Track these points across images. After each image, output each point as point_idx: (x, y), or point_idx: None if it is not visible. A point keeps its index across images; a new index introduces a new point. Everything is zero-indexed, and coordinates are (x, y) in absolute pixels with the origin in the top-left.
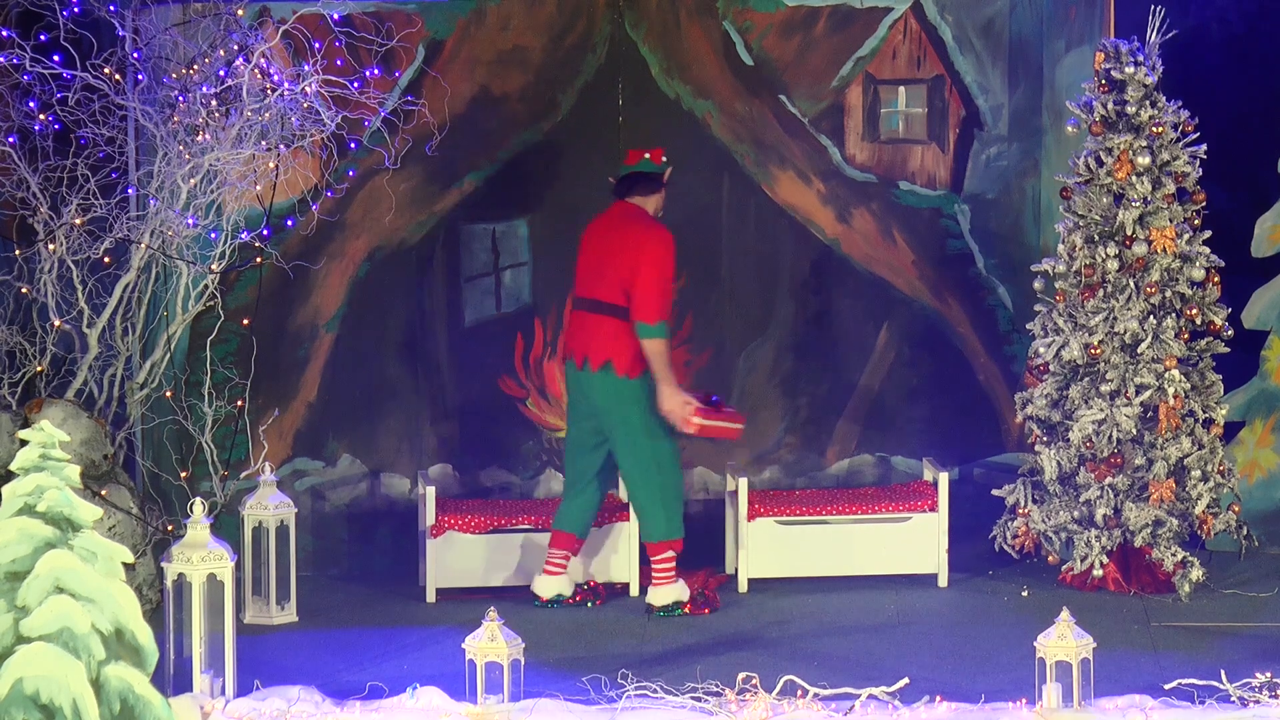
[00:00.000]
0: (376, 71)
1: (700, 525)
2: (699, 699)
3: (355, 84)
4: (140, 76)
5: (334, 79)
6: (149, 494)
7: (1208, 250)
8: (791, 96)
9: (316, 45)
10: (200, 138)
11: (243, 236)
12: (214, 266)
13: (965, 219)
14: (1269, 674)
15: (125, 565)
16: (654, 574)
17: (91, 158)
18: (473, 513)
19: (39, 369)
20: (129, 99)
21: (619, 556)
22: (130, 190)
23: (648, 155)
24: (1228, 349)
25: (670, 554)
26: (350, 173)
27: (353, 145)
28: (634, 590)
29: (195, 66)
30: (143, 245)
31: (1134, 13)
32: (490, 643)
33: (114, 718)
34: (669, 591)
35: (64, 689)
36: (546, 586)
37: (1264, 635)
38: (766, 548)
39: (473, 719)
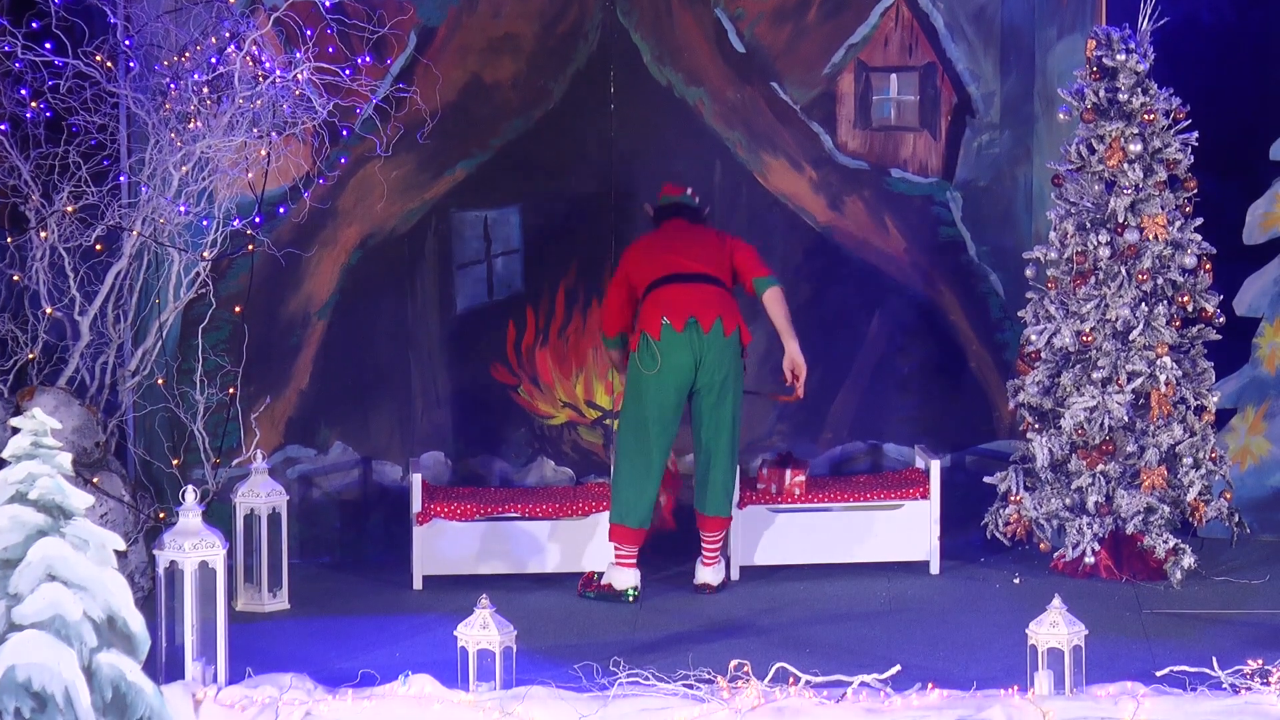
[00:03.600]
0: (368, 59)
1: (690, 511)
2: (691, 686)
3: (347, 71)
4: (132, 64)
5: (326, 66)
6: (141, 481)
7: (1199, 237)
8: (783, 84)
9: (308, 32)
10: (192, 125)
11: (234, 224)
12: (206, 254)
13: (957, 206)
14: (1261, 661)
15: (117, 553)
16: (709, 552)
17: (83, 145)
18: (461, 500)
19: (31, 357)
20: (121, 86)
21: (606, 546)
22: (122, 178)
23: (689, 190)
24: (1219, 336)
25: (724, 532)
26: (342, 160)
27: (344, 133)
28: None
29: (187, 54)
30: (135, 233)
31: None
32: (482, 630)
33: (106, 705)
34: (720, 570)
35: (56, 676)
36: (628, 578)
37: (1256, 622)
38: (758, 534)
39: (465, 706)
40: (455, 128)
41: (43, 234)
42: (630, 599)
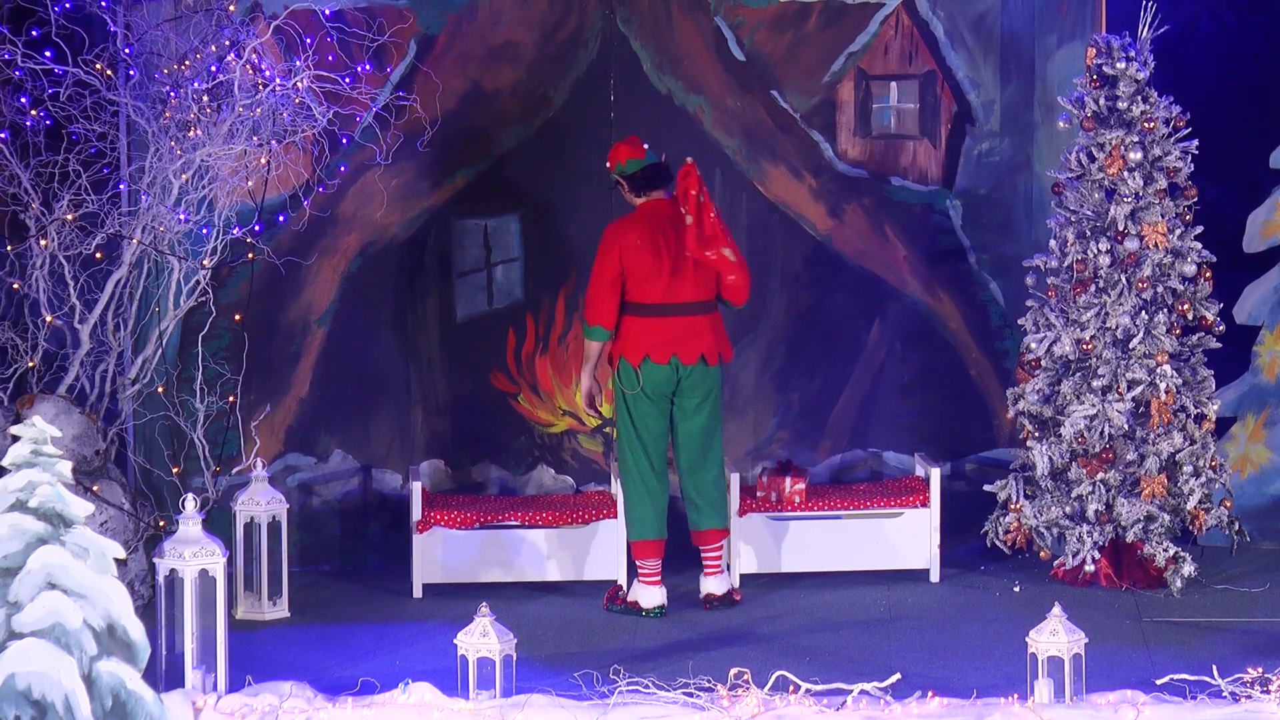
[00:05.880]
0: (368, 67)
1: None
2: (691, 694)
3: (347, 79)
4: (132, 72)
5: (325, 74)
6: (141, 489)
7: (1199, 245)
8: (783, 92)
9: (308, 41)
10: (192, 133)
11: (234, 232)
12: (206, 262)
13: (957, 214)
14: (1261, 669)
15: (117, 561)
16: (709, 563)
17: (83, 153)
18: (461, 508)
19: (31, 365)
20: (121, 94)
21: (606, 554)
22: (122, 186)
23: (648, 148)
24: (1219, 344)
25: (724, 543)
26: (342, 168)
27: (344, 141)
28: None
29: (187, 62)
30: (134, 241)
31: (1125, 7)
32: (482, 638)
33: (106, 713)
34: (725, 580)
35: (56, 685)
36: (653, 597)
37: (1256, 630)
38: (758, 543)
39: (465, 715)
40: (455, 136)
41: (43, 242)
42: (656, 618)
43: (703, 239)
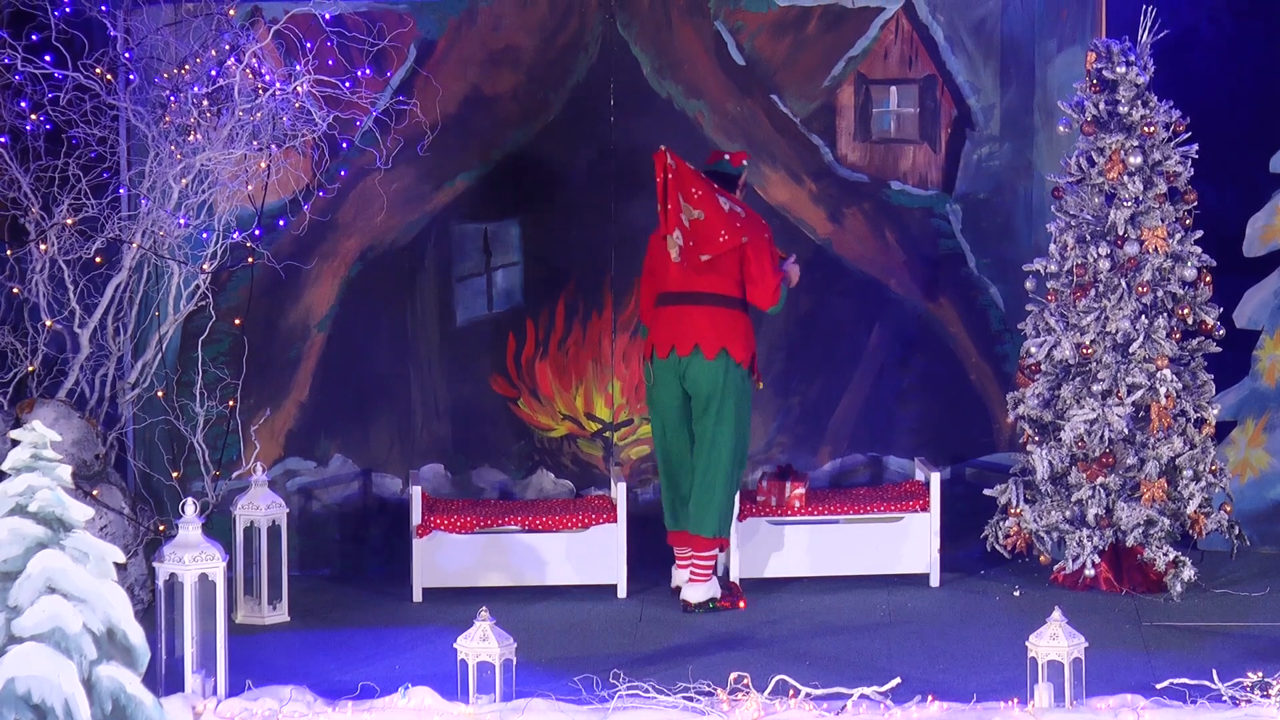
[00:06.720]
0: (368, 71)
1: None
2: (691, 699)
3: (347, 84)
4: (132, 76)
5: (326, 79)
6: (141, 494)
7: (1199, 250)
8: (783, 96)
9: (308, 45)
10: (192, 138)
11: (234, 236)
12: (205, 266)
13: (957, 219)
14: (1261, 673)
15: (117, 565)
16: (694, 570)
17: (83, 158)
18: (460, 513)
19: (30, 369)
20: (121, 99)
21: (606, 559)
22: (122, 190)
23: (727, 157)
24: (1219, 348)
25: (716, 552)
26: (342, 173)
27: (344, 145)
28: (621, 592)
29: (187, 66)
30: (134, 245)
31: (1125, 12)
32: (482, 642)
33: (105, 717)
34: (706, 588)
35: (56, 689)
36: (675, 576)
37: (1256, 635)
38: (758, 547)
39: (464, 719)
40: (455, 140)
41: (42, 246)
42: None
43: (663, 220)
